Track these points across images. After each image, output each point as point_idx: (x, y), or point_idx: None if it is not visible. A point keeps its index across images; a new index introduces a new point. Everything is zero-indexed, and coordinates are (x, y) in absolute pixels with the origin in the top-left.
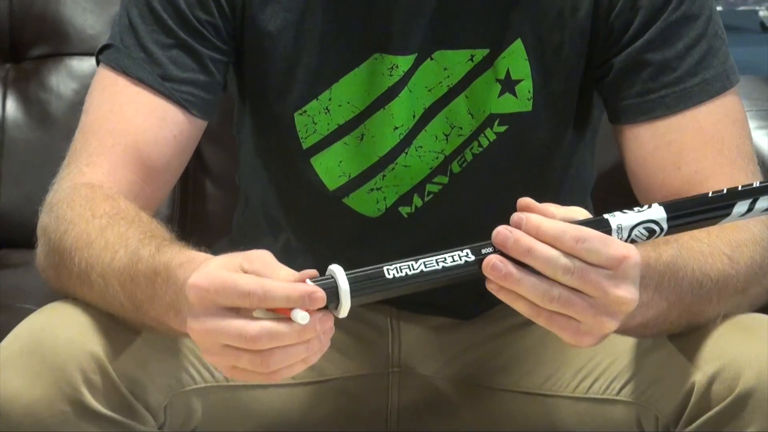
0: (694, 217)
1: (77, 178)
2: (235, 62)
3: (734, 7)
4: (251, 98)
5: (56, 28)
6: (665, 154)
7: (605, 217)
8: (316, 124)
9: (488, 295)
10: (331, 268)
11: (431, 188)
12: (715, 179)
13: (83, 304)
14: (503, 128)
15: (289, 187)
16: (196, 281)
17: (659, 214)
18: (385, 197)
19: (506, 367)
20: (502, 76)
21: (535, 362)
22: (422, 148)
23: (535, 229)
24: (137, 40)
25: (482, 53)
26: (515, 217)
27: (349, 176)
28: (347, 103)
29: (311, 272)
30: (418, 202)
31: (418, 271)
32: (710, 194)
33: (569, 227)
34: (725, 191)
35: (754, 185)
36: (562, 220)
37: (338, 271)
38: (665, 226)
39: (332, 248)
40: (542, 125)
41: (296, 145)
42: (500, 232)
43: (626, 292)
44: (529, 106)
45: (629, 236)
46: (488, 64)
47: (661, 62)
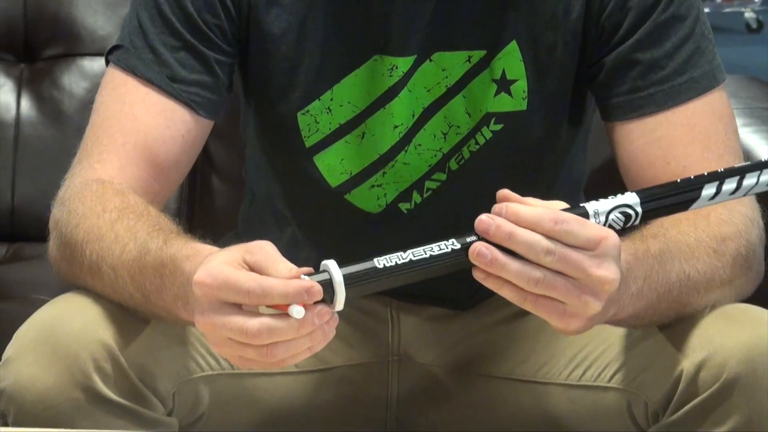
0: (665, 200)
1: (88, 174)
2: (240, 63)
3: (720, 9)
4: (256, 98)
5: (68, 29)
6: (654, 149)
7: (582, 204)
8: (318, 123)
9: (483, 287)
10: (324, 263)
11: (430, 185)
12: None
13: (94, 294)
14: (499, 126)
15: (293, 183)
16: (200, 278)
17: (633, 199)
18: (385, 194)
19: (501, 355)
20: (497, 76)
21: (529, 351)
22: (421, 146)
23: (514, 215)
24: (146, 41)
25: (479, 54)
26: (495, 207)
27: (350, 173)
28: (348, 103)
29: (306, 269)
30: (417, 198)
31: (407, 260)
32: (679, 180)
33: (547, 211)
34: (692, 177)
35: (718, 171)
36: None
37: (332, 264)
38: (639, 210)
39: (335, 242)
40: (537, 123)
41: (299, 143)
42: (482, 220)
43: (607, 271)
44: (524, 105)
45: (606, 221)
46: (485, 64)
47: (650, 61)
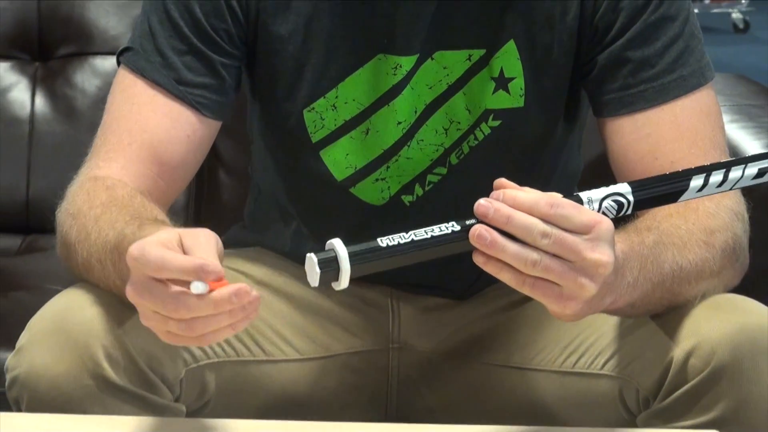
0: (656, 189)
1: (92, 172)
2: (246, 64)
3: (709, 9)
4: (262, 97)
5: (81, 29)
6: (644, 145)
7: (576, 193)
8: (324, 120)
9: (481, 277)
10: (330, 241)
11: (431, 178)
12: None
13: None
14: (497, 123)
15: (298, 178)
16: (130, 250)
17: (625, 188)
18: (389, 187)
19: (497, 344)
20: (496, 74)
21: (524, 340)
22: (423, 141)
23: (512, 199)
24: (155, 45)
25: (479, 53)
26: (493, 193)
27: (355, 168)
28: (353, 100)
29: (243, 286)
30: (419, 191)
31: (409, 240)
32: (668, 173)
33: (543, 195)
34: (681, 170)
35: (705, 165)
36: None
37: (337, 242)
38: (631, 198)
39: (339, 234)
40: (533, 120)
41: (306, 139)
42: (481, 204)
43: (602, 254)
44: (521, 102)
45: (600, 208)
46: (484, 63)
47: (640, 59)
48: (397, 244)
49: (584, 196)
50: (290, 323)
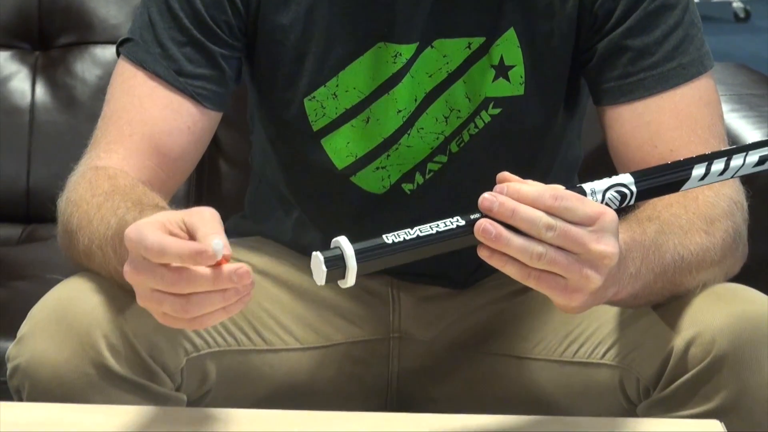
0: (658, 179)
1: (93, 162)
2: (247, 54)
3: None
4: (263, 86)
5: (81, 18)
6: (643, 133)
7: (578, 185)
8: (324, 108)
9: (482, 266)
10: (335, 239)
11: (432, 167)
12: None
13: None
14: (497, 111)
15: (299, 167)
16: (128, 232)
17: (627, 179)
18: (389, 175)
19: (498, 333)
20: (496, 62)
21: (525, 329)
22: (423, 129)
23: (516, 193)
24: (155, 36)
25: (478, 41)
26: (497, 187)
27: (356, 156)
28: (353, 88)
29: (244, 267)
30: (419, 179)
31: (414, 236)
32: (670, 162)
33: (547, 188)
34: (682, 159)
35: (706, 153)
36: None
37: (343, 240)
38: (634, 189)
39: (340, 224)
40: (533, 108)
41: (307, 128)
42: (485, 198)
43: (607, 245)
44: (521, 90)
45: (603, 199)
46: (484, 51)
47: (640, 48)
48: (402, 240)
49: (587, 187)
50: (291, 312)
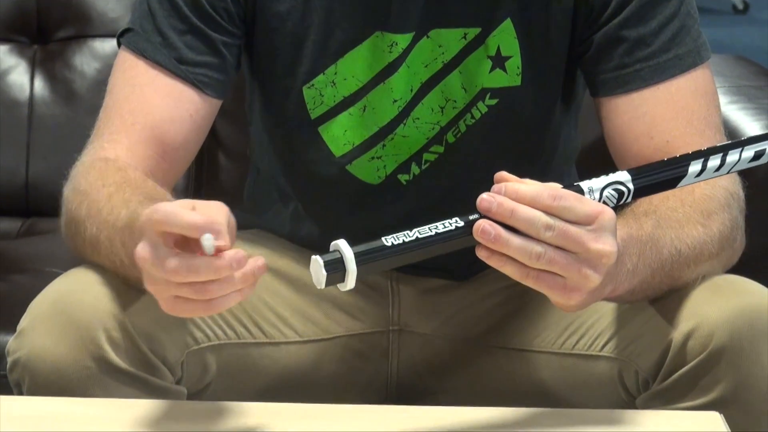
0: (655, 176)
1: (98, 153)
2: (245, 42)
3: None
4: (262, 75)
5: (80, 11)
6: (639, 124)
7: (576, 183)
8: (323, 96)
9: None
10: (334, 242)
11: (428, 157)
12: (684, 148)
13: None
14: (494, 101)
15: (297, 156)
16: (146, 212)
17: (624, 176)
18: (385, 165)
19: (498, 325)
20: (492, 53)
21: (524, 321)
22: (419, 119)
23: (514, 193)
24: (155, 25)
25: (474, 32)
26: (495, 187)
27: (353, 144)
28: (351, 77)
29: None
30: (415, 170)
31: (413, 237)
32: (666, 159)
33: (545, 187)
34: (678, 156)
35: (702, 149)
36: None
37: (342, 243)
38: (631, 186)
39: (336, 214)
40: (530, 99)
41: (305, 115)
42: (483, 199)
43: (605, 244)
44: (518, 80)
45: (601, 198)
46: (480, 41)
47: (636, 39)
48: (401, 242)
49: (585, 186)
50: (290, 305)
